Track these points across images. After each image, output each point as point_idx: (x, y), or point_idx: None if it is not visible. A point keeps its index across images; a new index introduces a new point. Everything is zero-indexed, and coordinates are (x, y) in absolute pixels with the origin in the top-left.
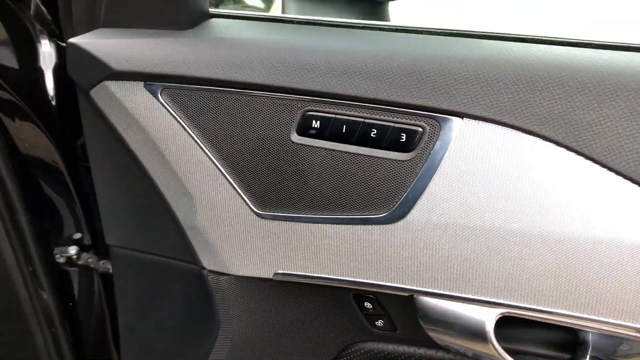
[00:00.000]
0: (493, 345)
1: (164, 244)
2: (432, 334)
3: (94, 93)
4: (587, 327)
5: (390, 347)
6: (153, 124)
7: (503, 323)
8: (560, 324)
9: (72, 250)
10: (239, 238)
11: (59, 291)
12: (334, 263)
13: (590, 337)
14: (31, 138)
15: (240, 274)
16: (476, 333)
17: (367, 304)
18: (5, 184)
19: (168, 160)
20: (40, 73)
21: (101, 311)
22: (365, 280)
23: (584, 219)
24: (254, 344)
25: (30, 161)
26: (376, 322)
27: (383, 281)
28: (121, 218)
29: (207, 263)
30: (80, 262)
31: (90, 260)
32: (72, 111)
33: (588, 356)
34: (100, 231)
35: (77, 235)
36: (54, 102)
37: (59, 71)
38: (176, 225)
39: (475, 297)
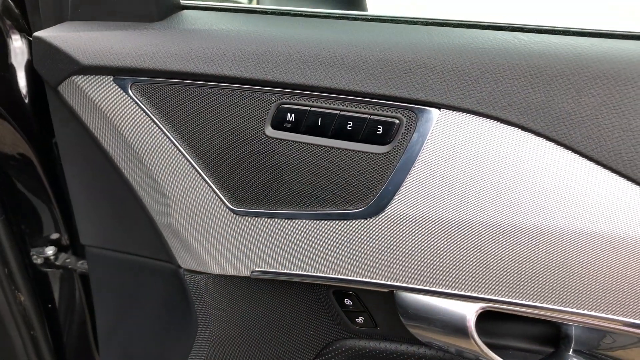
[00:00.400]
0: (474, 340)
1: (139, 243)
2: (413, 330)
3: (62, 88)
4: (569, 320)
5: (372, 344)
6: (123, 120)
7: (485, 318)
8: (543, 317)
9: (50, 250)
10: (215, 236)
11: (38, 293)
12: (312, 259)
13: (573, 331)
14: (4, 137)
15: (217, 272)
16: (457, 328)
17: (347, 301)
18: None
19: (140, 157)
20: (11, 70)
21: (82, 313)
22: (344, 277)
23: (564, 211)
24: (234, 343)
25: (4, 160)
26: (356, 319)
27: (362, 277)
28: (95, 217)
29: (183, 262)
30: (58, 263)
31: (68, 260)
32: (46, 108)
33: (571, 349)
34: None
35: (55, 236)
36: (26, 100)
37: (31, 67)
38: (151, 224)
39: (456, 292)
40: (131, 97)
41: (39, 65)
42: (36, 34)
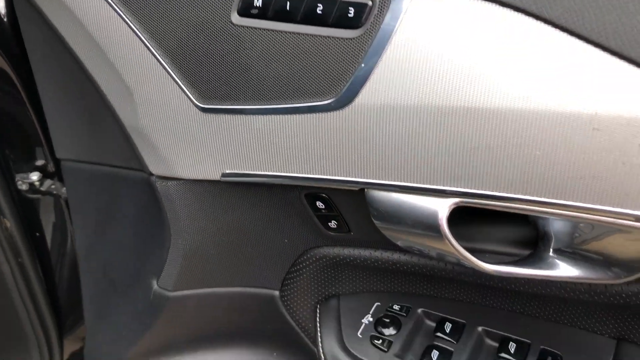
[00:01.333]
0: (447, 238)
1: (111, 152)
2: (385, 232)
3: None
4: (545, 212)
5: (346, 251)
6: (87, 14)
7: (461, 222)
8: (520, 211)
9: (34, 176)
10: (183, 136)
11: (25, 221)
12: (282, 158)
13: (552, 229)
14: None
15: (188, 176)
16: (429, 225)
17: (319, 204)
18: None
19: (105, 53)
20: None
21: (70, 240)
22: (314, 176)
23: (545, 91)
24: (208, 253)
25: None
26: (329, 223)
27: (333, 175)
28: (68, 128)
29: (154, 167)
30: (43, 189)
31: (53, 187)
32: None
33: (551, 249)
34: None
35: (40, 162)
36: (5, 19)
37: None
38: (121, 130)
39: (428, 186)
40: None
41: None
42: None
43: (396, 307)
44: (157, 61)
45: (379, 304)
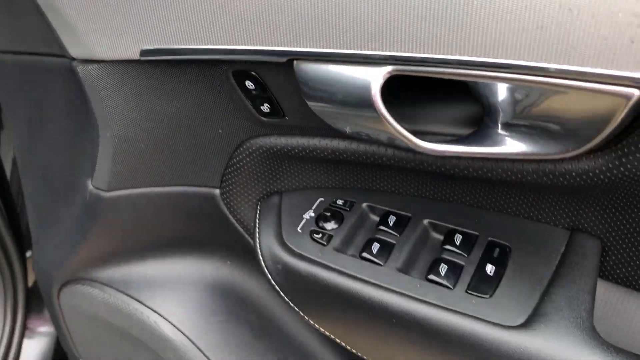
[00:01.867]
0: (381, 113)
1: (32, 38)
2: (318, 113)
3: None
4: (488, 77)
5: (283, 140)
6: None
7: (401, 103)
8: (459, 77)
9: None
10: (97, 9)
11: None
12: (201, 27)
13: (495, 99)
14: None
15: (106, 57)
16: (362, 100)
17: (249, 83)
18: None
19: None
20: None
21: None
22: (236, 47)
23: None
24: (138, 148)
25: None
26: (262, 107)
27: (255, 45)
28: None
29: (73, 50)
30: None
31: None
32: None
33: (498, 124)
34: None
35: None
36: None
37: None
38: (37, 9)
39: (357, 52)
40: None
41: None
42: None
43: (340, 202)
44: None
45: (322, 199)
